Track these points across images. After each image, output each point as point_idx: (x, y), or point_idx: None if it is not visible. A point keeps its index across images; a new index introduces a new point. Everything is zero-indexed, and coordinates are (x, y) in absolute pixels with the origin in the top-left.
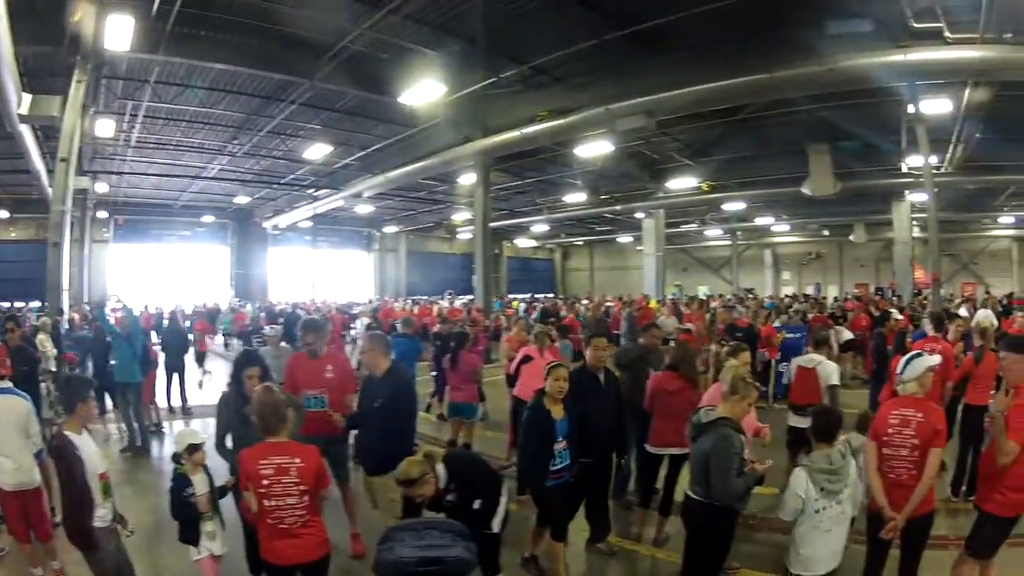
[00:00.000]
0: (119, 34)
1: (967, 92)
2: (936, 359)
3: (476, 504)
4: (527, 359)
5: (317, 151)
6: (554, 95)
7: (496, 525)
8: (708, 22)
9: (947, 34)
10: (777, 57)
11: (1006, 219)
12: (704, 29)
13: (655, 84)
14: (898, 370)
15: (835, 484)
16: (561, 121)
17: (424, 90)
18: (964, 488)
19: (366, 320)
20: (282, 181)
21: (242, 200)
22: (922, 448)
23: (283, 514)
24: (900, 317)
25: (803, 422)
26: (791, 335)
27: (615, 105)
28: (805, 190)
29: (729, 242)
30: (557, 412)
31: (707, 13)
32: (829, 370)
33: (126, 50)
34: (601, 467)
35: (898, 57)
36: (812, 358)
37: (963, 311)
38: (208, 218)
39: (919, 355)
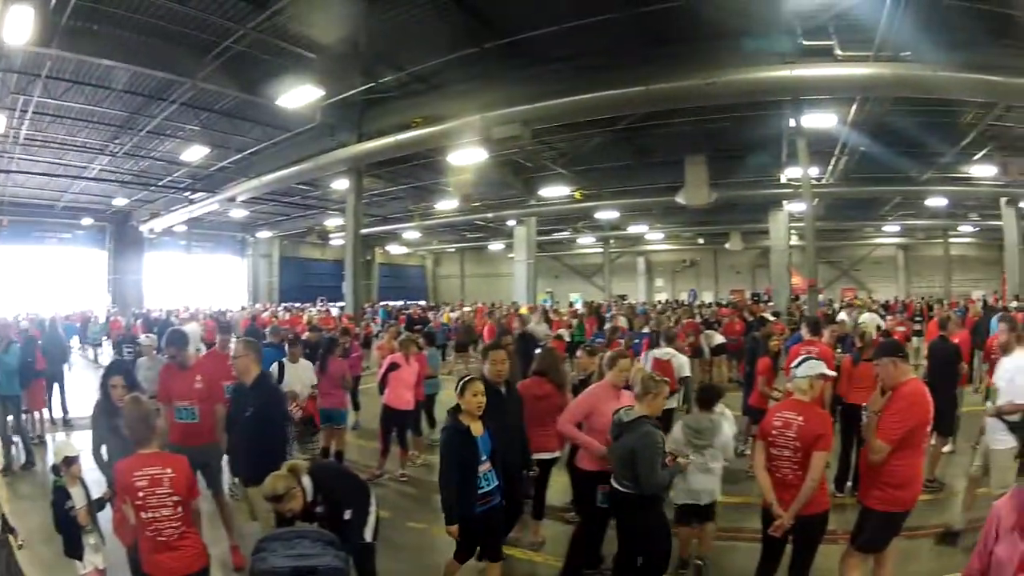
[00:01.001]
0: (19, 26)
1: (854, 107)
2: (822, 366)
3: (347, 515)
4: (394, 366)
5: (195, 153)
6: (431, 102)
7: (368, 535)
8: (589, 34)
9: (838, 52)
10: (657, 70)
11: (891, 228)
12: (585, 41)
13: (531, 94)
14: (792, 365)
15: (699, 440)
16: (435, 128)
17: (302, 94)
18: (849, 483)
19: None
20: (160, 183)
21: (120, 202)
22: (804, 451)
23: (161, 526)
24: (773, 319)
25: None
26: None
27: (491, 114)
28: (680, 199)
29: (602, 249)
30: (477, 429)
31: (589, 25)
32: (681, 362)
33: (24, 43)
34: (512, 486)
35: (782, 73)
36: (667, 351)
37: (843, 315)
38: (87, 220)
39: (811, 358)
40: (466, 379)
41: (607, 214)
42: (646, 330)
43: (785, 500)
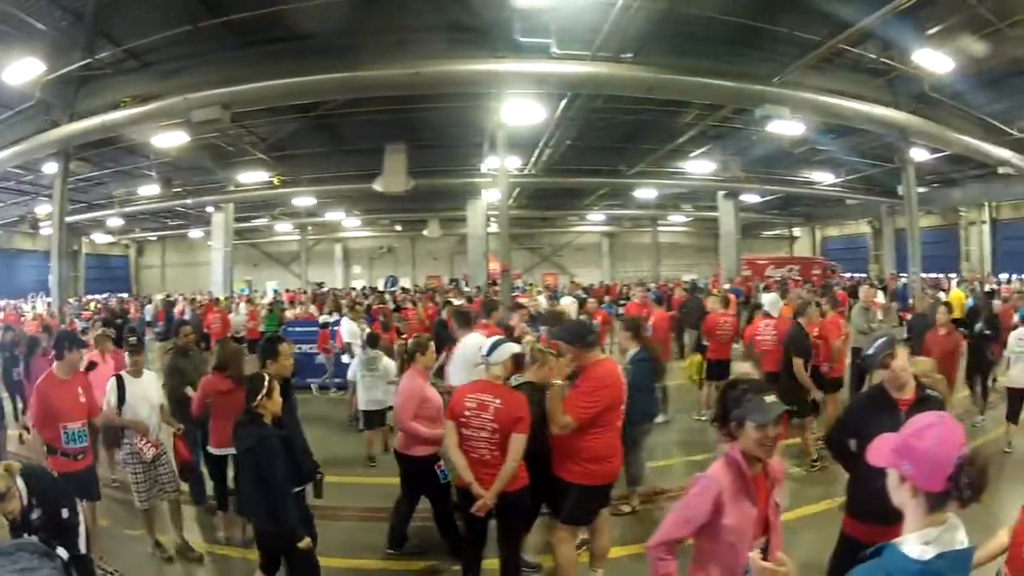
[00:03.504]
0: None
1: (563, 102)
2: (516, 347)
3: (64, 514)
4: (92, 366)
5: None
6: (142, 81)
7: (83, 546)
8: (301, 16)
9: (554, 50)
10: (363, 57)
11: (596, 216)
12: (297, 23)
13: (235, 76)
14: (484, 352)
15: (370, 366)
16: (140, 109)
17: (25, 67)
18: None
19: None
20: None
21: None
22: (502, 432)
23: None
24: (458, 303)
25: None
26: None
27: (193, 95)
28: (377, 187)
29: (299, 236)
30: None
31: (303, 9)
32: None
33: None
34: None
35: (488, 67)
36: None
37: (541, 299)
38: None
39: (503, 341)
40: (268, 379)
41: (305, 200)
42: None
43: (484, 479)
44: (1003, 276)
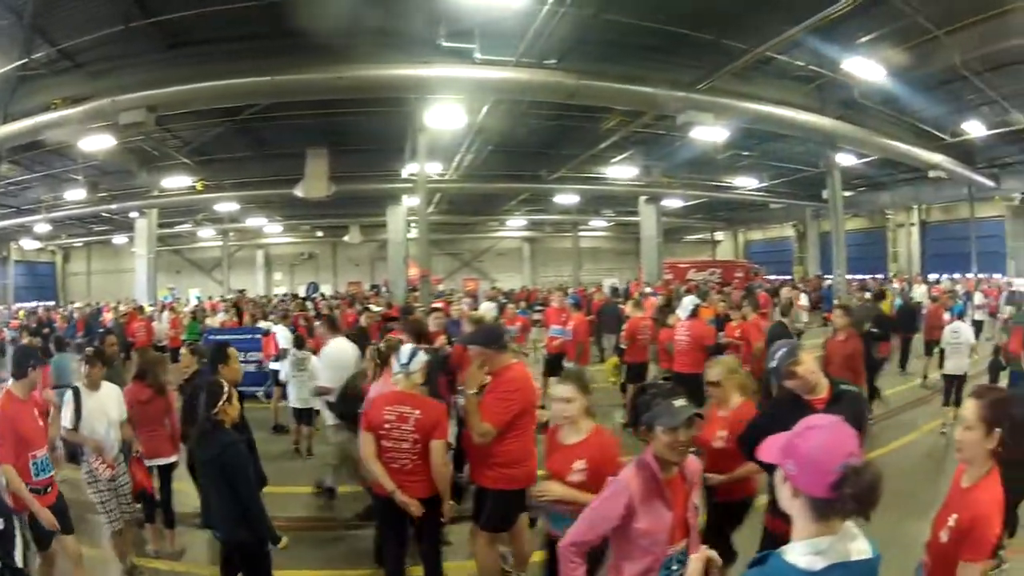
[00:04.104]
0: None
1: (485, 108)
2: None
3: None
4: None
5: None
6: (74, 82)
7: (19, 559)
8: (227, 19)
9: (478, 55)
10: (290, 61)
11: (517, 222)
12: (224, 26)
13: (160, 78)
14: (402, 360)
15: (299, 367)
16: (70, 111)
17: None
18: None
19: None
20: None
21: None
22: (423, 441)
23: None
24: (377, 309)
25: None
26: None
27: (121, 97)
28: (298, 192)
29: (221, 243)
30: None
31: (228, 11)
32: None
33: None
34: None
35: (412, 72)
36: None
37: (464, 304)
38: None
39: (419, 349)
40: (227, 385)
41: (228, 206)
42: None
43: (409, 487)
44: (932, 276)
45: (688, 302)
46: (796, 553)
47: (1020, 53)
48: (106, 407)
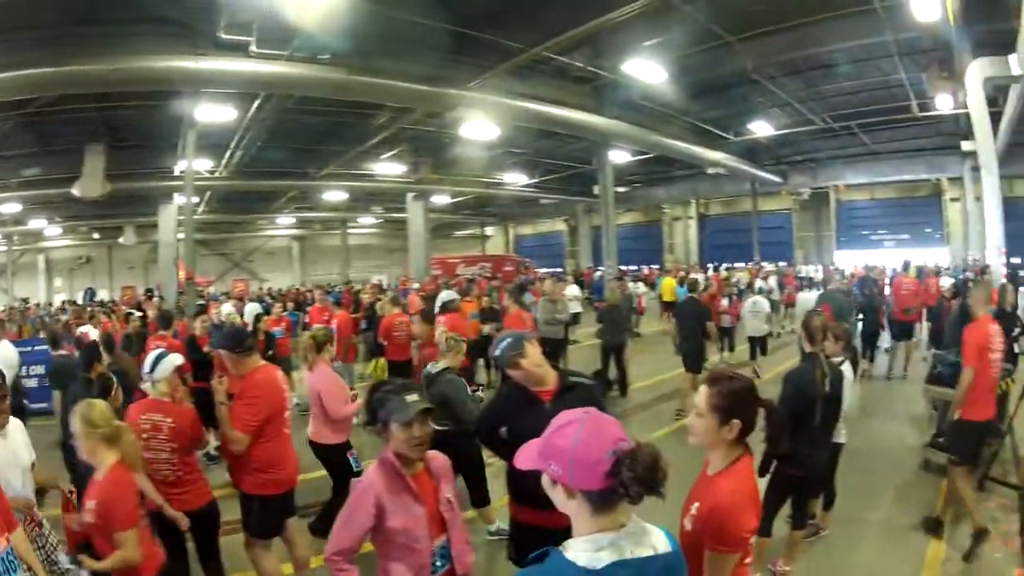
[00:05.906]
0: None
1: (256, 103)
2: (179, 358)
3: None
4: None
5: None
6: None
7: None
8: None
9: (253, 48)
10: (73, 51)
11: (286, 220)
12: (10, 16)
13: None
14: (146, 369)
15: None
16: None
17: None
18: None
19: None
20: None
21: None
22: (180, 451)
23: None
24: (140, 314)
25: None
26: None
27: None
28: (75, 191)
29: (5, 248)
30: None
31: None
32: None
33: None
34: None
35: (186, 64)
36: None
37: (228, 307)
38: None
39: (165, 354)
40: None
41: (9, 207)
42: None
43: (172, 497)
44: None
45: (444, 296)
46: (576, 550)
47: (817, 60)
48: (16, 453)
